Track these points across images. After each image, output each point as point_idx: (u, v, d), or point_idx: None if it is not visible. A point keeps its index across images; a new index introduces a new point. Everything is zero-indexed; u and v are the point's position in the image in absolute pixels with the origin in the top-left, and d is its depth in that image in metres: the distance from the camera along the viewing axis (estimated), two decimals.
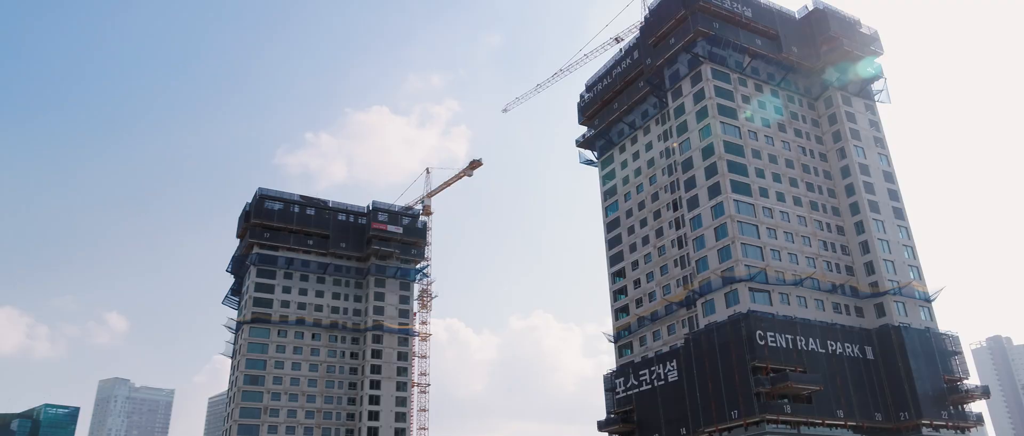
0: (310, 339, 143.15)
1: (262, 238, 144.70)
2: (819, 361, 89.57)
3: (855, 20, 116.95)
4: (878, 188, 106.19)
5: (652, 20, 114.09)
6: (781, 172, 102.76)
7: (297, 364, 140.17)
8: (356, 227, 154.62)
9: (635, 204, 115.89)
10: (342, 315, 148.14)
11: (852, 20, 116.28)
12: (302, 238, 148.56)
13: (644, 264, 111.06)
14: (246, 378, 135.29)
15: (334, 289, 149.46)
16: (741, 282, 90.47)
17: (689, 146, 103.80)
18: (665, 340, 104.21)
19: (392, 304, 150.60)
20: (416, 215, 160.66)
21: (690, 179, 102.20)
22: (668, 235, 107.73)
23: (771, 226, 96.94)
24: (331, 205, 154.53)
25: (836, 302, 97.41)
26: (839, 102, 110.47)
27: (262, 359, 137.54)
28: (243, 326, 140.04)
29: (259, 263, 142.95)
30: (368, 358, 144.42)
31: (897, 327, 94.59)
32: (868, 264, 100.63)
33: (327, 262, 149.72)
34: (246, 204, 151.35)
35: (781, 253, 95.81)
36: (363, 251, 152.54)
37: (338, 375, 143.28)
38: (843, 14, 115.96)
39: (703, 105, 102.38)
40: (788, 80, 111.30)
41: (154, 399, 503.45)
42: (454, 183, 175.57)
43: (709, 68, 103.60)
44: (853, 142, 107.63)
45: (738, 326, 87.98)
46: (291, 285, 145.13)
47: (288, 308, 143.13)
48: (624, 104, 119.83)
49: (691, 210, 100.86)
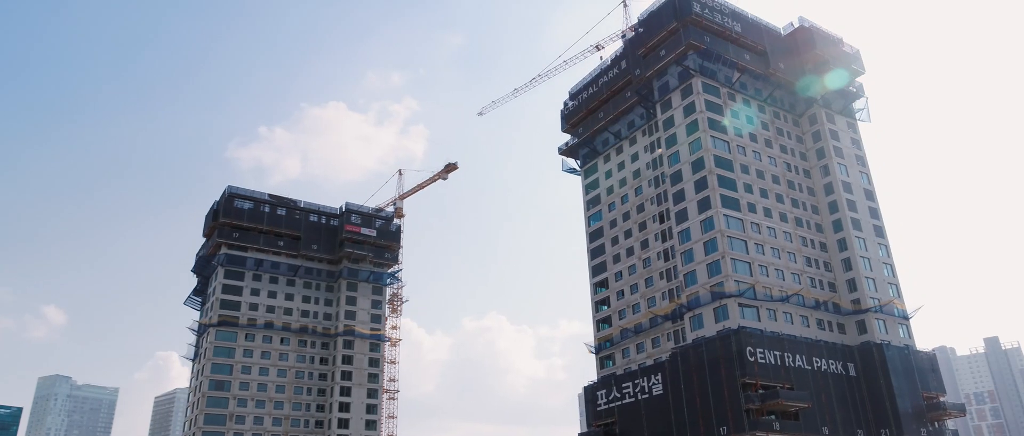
0: (279, 344, 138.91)
1: (231, 238, 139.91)
2: (805, 378, 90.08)
3: (838, 38, 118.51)
4: (860, 206, 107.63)
5: (642, 31, 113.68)
6: (768, 187, 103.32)
7: (265, 369, 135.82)
8: (328, 229, 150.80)
9: (620, 214, 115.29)
10: (312, 319, 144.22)
11: (835, 38, 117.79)
12: (272, 239, 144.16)
13: (628, 275, 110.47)
14: (211, 384, 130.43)
15: (304, 292, 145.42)
16: (731, 298, 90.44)
17: (678, 159, 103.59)
18: (649, 353, 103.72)
19: (364, 309, 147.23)
20: (390, 217, 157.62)
21: (679, 192, 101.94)
22: (654, 247, 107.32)
23: (759, 242, 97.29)
24: (303, 205, 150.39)
25: (820, 318, 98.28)
26: (823, 119, 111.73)
27: (228, 364, 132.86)
28: (209, 329, 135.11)
29: (227, 264, 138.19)
30: (338, 364, 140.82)
31: (879, 345, 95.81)
32: (850, 281, 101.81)
33: (298, 264, 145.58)
34: (214, 202, 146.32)
35: (768, 269, 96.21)
36: (335, 254, 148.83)
37: (307, 381, 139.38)
38: (827, 32, 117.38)
39: (693, 118, 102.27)
40: (774, 96, 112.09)
41: (97, 398, 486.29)
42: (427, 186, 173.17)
43: (700, 82, 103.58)
44: (837, 160, 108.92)
45: (728, 342, 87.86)
46: (260, 287, 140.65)
47: (256, 311, 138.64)
48: (610, 113, 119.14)
49: (680, 223, 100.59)
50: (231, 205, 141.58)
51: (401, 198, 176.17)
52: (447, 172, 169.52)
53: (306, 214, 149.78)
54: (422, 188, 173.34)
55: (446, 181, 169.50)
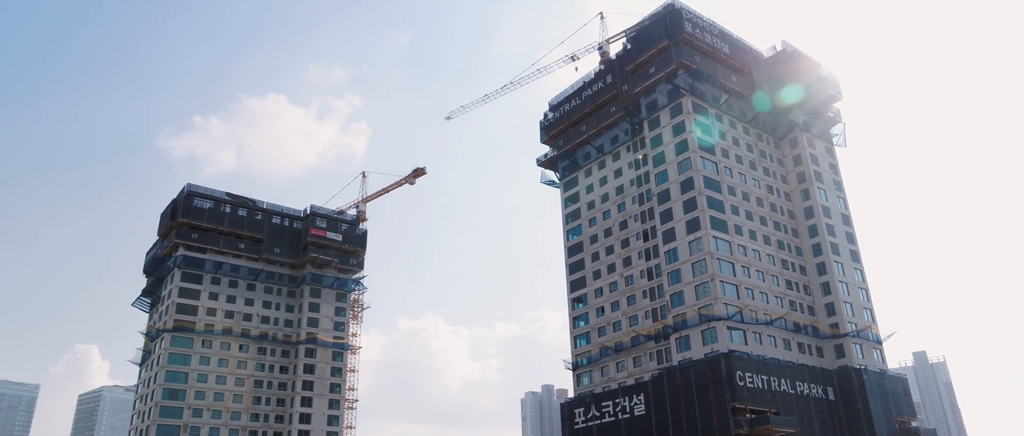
0: (237, 351, 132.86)
1: (189, 239, 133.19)
2: (790, 402, 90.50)
3: (817, 63, 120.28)
4: (838, 230, 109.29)
5: (630, 48, 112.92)
6: (752, 209, 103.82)
7: (222, 378, 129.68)
8: (292, 232, 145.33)
9: (601, 230, 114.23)
10: (273, 326, 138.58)
11: (815, 63, 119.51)
12: (232, 241, 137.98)
13: (610, 292, 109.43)
14: (165, 392, 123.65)
15: (265, 297, 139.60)
16: (719, 321, 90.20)
17: (666, 178, 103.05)
18: (631, 372, 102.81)
19: (327, 316, 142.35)
20: (355, 222, 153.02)
21: (666, 211, 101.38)
22: (638, 265, 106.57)
23: (745, 264, 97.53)
24: (265, 206, 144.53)
25: (800, 342, 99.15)
26: (804, 143, 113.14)
27: (184, 371, 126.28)
28: (163, 334, 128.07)
29: (184, 266, 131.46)
30: (300, 373, 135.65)
31: (858, 369, 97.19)
32: (829, 305, 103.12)
33: (259, 268, 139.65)
34: (172, 200, 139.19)
35: (754, 292, 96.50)
36: (298, 258, 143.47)
37: (266, 391, 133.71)
38: (808, 56, 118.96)
39: (683, 138, 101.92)
40: (758, 118, 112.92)
41: (15, 394, 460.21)
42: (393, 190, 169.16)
43: (690, 101, 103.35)
44: (817, 184, 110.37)
45: (717, 365, 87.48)
46: (218, 291, 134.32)
47: (214, 317, 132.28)
48: (593, 127, 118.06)
49: (667, 243, 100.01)
50: (190, 204, 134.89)
51: (365, 201, 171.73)
52: (415, 177, 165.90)
53: (269, 216, 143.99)
54: (388, 192, 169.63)
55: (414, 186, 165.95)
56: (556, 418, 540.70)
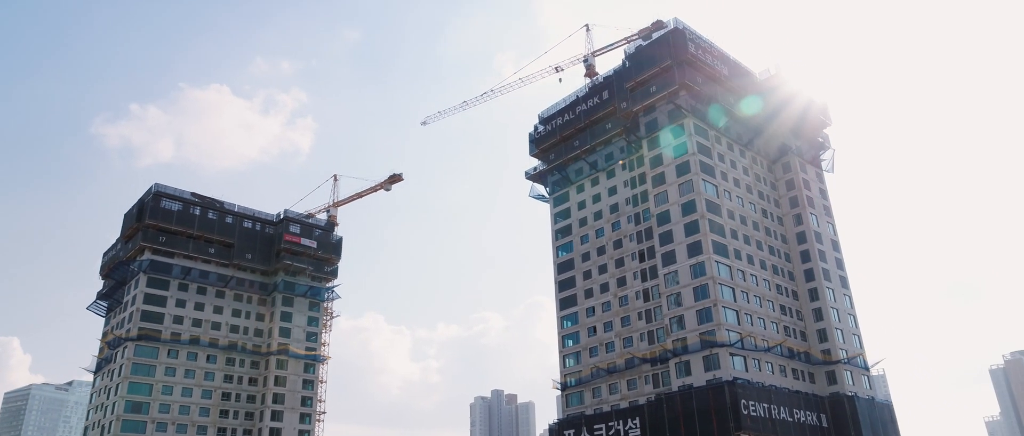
0: (205, 361, 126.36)
1: (157, 242, 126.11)
2: (789, 430, 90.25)
3: (809, 88, 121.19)
4: (828, 256, 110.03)
5: (631, 65, 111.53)
6: (750, 234, 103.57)
7: (188, 390, 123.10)
8: (264, 237, 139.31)
9: (594, 247, 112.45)
10: (242, 335, 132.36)
11: (806, 87, 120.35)
12: (202, 245, 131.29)
13: (603, 312, 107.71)
14: (128, 405, 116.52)
15: (234, 305, 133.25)
16: (723, 347, 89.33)
17: (666, 198, 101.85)
18: (624, 394, 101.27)
19: (300, 326, 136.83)
20: (331, 228, 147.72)
21: (666, 233, 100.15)
22: (632, 285, 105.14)
23: (744, 289, 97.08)
24: (237, 210, 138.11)
25: (794, 368, 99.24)
26: (797, 168, 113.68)
27: (148, 383, 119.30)
28: (126, 343, 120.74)
29: (151, 271, 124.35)
30: (270, 386, 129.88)
31: (851, 397, 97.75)
32: (821, 331, 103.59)
33: (229, 275, 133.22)
34: (137, 200, 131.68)
35: (753, 317, 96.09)
36: (271, 264, 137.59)
37: (234, 403, 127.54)
38: (800, 80, 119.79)
39: (685, 160, 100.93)
40: (753, 142, 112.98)
41: None
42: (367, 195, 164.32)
43: (692, 122, 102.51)
44: (809, 209, 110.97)
45: (721, 393, 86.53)
46: (186, 298, 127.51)
47: (181, 325, 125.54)
48: (587, 142, 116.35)
49: (666, 265, 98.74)
50: (158, 206, 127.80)
51: (336, 205, 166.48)
52: (391, 183, 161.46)
53: (240, 219, 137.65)
54: (361, 197, 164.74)
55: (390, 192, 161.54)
56: (505, 424, 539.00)
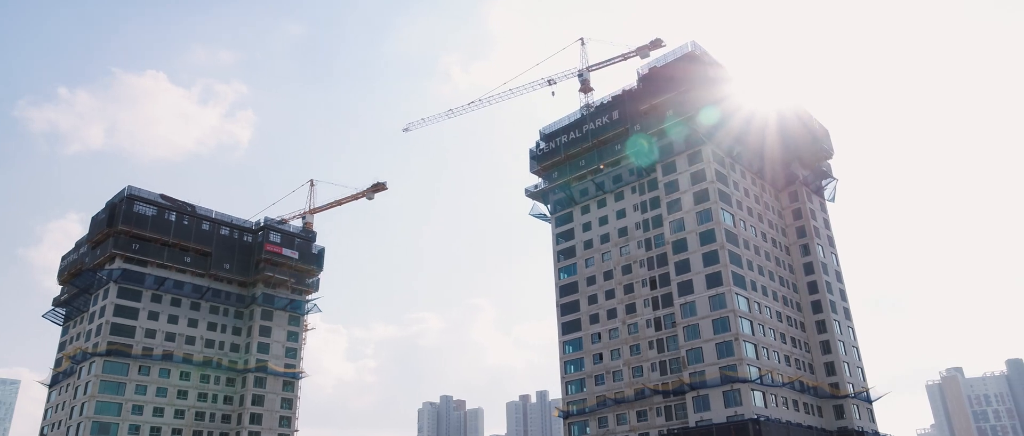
0: (178, 379, 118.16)
1: (129, 250, 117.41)
2: None
3: (809, 116, 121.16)
4: (833, 288, 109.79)
5: (643, 87, 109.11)
6: (763, 264, 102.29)
7: (160, 409, 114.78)
8: (242, 245, 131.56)
9: (600, 271, 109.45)
10: (218, 351, 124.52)
11: (811, 116, 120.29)
12: (178, 254, 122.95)
13: (609, 339, 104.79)
14: (95, 426, 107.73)
15: (210, 318, 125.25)
16: (745, 383, 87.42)
17: (682, 226, 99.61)
18: (633, 426, 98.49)
19: (279, 341, 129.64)
20: (312, 238, 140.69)
21: (683, 262, 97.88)
22: (643, 313, 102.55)
23: (761, 322, 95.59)
24: (214, 216, 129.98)
25: (805, 403, 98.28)
26: (804, 197, 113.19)
27: (117, 402, 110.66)
28: (93, 358, 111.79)
29: (123, 281, 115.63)
30: (247, 405, 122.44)
31: (859, 431, 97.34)
32: (829, 364, 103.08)
33: (205, 285, 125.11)
34: (106, 204, 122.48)
35: (768, 351, 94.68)
36: (250, 275, 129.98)
37: (208, 424, 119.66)
38: (806, 109, 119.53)
39: (703, 187, 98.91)
40: (763, 171, 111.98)
41: None
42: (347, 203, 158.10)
43: (710, 149, 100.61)
44: (815, 239, 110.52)
45: (744, 430, 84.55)
46: (159, 310, 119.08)
47: (154, 339, 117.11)
48: (595, 163, 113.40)
49: (683, 295, 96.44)
50: (131, 210, 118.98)
51: (312, 212, 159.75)
52: (374, 191, 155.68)
53: (217, 227, 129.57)
54: (340, 204, 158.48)
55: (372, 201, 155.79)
56: (454, 430, 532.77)
